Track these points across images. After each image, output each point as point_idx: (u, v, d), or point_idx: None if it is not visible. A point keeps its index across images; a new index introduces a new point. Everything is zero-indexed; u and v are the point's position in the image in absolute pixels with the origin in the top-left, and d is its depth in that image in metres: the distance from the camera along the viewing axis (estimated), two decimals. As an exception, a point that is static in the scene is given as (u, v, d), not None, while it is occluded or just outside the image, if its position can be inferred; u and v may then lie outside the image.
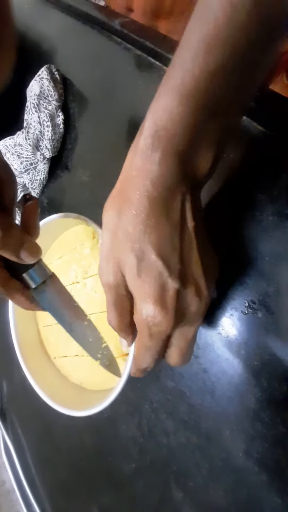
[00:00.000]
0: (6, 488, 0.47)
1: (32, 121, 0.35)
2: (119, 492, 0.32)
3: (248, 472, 0.24)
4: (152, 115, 0.17)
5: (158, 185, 0.17)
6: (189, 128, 0.16)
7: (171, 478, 0.28)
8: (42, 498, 0.41)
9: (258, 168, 0.23)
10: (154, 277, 0.17)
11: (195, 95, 0.15)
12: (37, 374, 0.32)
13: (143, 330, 0.19)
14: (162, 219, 0.17)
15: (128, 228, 0.17)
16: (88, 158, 0.36)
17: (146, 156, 0.17)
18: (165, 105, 0.16)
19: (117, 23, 0.34)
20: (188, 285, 0.18)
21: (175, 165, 0.17)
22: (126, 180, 0.18)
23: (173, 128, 0.16)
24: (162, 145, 0.16)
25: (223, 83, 0.15)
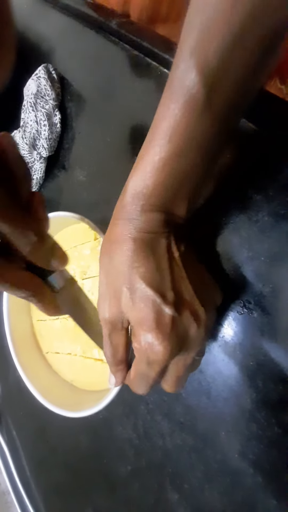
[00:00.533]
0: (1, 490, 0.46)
1: (29, 120, 0.35)
2: (114, 493, 0.32)
3: (243, 473, 0.23)
4: (132, 179, 0.19)
5: (140, 230, 0.19)
6: (161, 191, 0.19)
7: (166, 479, 0.28)
8: (37, 500, 0.40)
9: (254, 168, 0.23)
10: (148, 305, 0.18)
11: (164, 169, 0.18)
12: (28, 369, 0.33)
13: (141, 358, 0.19)
14: (148, 254, 0.19)
15: (119, 266, 0.19)
16: (85, 158, 0.36)
17: (129, 209, 0.19)
18: (141, 173, 0.19)
19: (114, 23, 0.34)
20: (183, 311, 0.19)
21: (154, 215, 0.19)
22: (114, 226, 0.20)
23: (147, 191, 0.19)
24: (141, 202, 0.19)
25: (185, 162, 0.18)
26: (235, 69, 0.16)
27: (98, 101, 0.34)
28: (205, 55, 0.16)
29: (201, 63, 0.16)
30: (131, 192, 0.19)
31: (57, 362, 0.35)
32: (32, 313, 0.37)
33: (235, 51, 0.16)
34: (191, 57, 0.16)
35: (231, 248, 0.24)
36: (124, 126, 0.32)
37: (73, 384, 0.33)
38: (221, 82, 0.16)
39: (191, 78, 0.16)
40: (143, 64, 0.30)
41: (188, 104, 0.17)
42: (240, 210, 0.23)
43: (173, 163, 0.18)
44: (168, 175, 0.18)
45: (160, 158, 0.18)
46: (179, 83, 0.17)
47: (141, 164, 0.19)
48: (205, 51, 0.16)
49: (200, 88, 0.16)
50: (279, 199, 0.22)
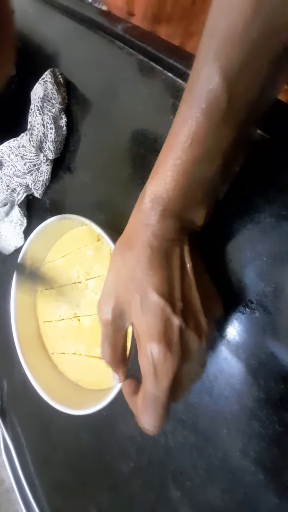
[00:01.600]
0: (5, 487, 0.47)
1: (36, 123, 0.36)
2: (117, 491, 0.32)
3: (245, 471, 0.24)
4: (151, 183, 0.19)
5: (158, 237, 0.19)
6: (180, 196, 0.19)
7: (168, 477, 0.28)
8: (40, 497, 0.41)
9: (256, 171, 0.23)
10: (157, 314, 0.18)
11: (184, 174, 0.18)
12: (35, 368, 0.33)
13: (149, 373, 0.18)
14: (163, 263, 0.19)
15: (133, 271, 0.19)
16: (90, 160, 0.36)
17: (148, 214, 0.19)
18: (161, 178, 0.19)
19: (119, 28, 0.34)
20: (189, 321, 0.19)
21: (172, 222, 0.19)
22: (132, 231, 0.20)
23: (167, 196, 0.19)
24: (160, 207, 0.19)
25: (206, 168, 0.18)
26: (257, 74, 0.16)
27: (103, 104, 0.35)
28: (229, 59, 0.16)
29: (225, 67, 0.16)
30: (150, 196, 0.19)
31: (62, 363, 0.35)
32: (38, 315, 0.38)
33: (258, 57, 0.16)
34: (214, 61, 0.16)
35: (233, 249, 0.24)
36: (128, 129, 0.32)
37: (78, 384, 0.34)
38: (244, 87, 0.16)
39: (216, 82, 0.16)
40: (147, 68, 0.31)
41: (211, 108, 0.17)
42: (242, 211, 0.24)
43: (194, 168, 0.18)
44: (189, 180, 0.18)
45: (181, 162, 0.18)
46: (202, 87, 0.17)
47: (161, 168, 0.19)
48: (229, 56, 0.16)
49: (223, 93, 0.16)
50: (280, 201, 0.22)
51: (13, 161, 0.38)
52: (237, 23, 0.16)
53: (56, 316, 0.36)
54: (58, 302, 0.35)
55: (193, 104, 0.17)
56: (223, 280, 0.24)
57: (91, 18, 0.38)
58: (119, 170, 0.33)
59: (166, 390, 0.18)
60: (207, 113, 0.17)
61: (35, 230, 0.34)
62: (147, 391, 0.19)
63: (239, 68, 0.16)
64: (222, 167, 0.18)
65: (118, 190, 0.33)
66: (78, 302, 0.34)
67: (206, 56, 0.17)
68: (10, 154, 0.38)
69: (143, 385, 0.19)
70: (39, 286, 0.34)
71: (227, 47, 0.16)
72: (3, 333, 0.43)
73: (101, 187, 0.35)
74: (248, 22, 0.15)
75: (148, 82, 0.31)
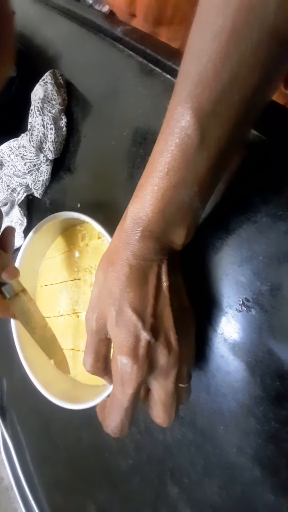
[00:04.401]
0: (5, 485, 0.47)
1: (36, 124, 0.37)
2: (115, 488, 0.33)
3: (241, 468, 0.24)
4: (133, 205, 0.21)
5: (137, 257, 0.20)
6: (159, 219, 0.20)
7: (166, 474, 0.28)
8: (39, 495, 0.41)
9: (253, 171, 0.24)
10: (129, 329, 0.20)
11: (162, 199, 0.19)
12: (33, 364, 0.34)
13: (116, 380, 0.20)
14: (139, 282, 0.20)
15: (111, 287, 0.21)
16: (90, 161, 0.37)
17: (129, 234, 0.21)
18: (141, 201, 0.20)
19: (119, 30, 0.35)
20: (159, 337, 0.20)
21: (151, 243, 0.20)
22: (114, 249, 0.21)
23: (147, 218, 0.20)
24: (140, 228, 0.20)
25: (183, 193, 0.19)
26: (228, 114, 0.17)
27: (103, 105, 0.36)
28: (200, 101, 0.17)
29: (196, 107, 0.17)
30: (131, 217, 0.20)
31: None
32: None
33: (227, 99, 0.17)
34: (186, 101, 0.17)
35: (230, 248, 0.24)
36: (128, 130, 0.32)
37: (76, 379, 0.34)
38: (215, 125, 0.18)
39: (187, 120, 0.18)
40: (146, 70, 0.32)
41: (183, 143, 0.18)
42: (239, 211, 0.24)
43: (171, 194, 0.19)
44: (167, 204, 0.19)
45: (158, 189, 0.19)
46: (175, 123, 0.18)
47: (141, 192, 0.20)
48: (199, 97, 0.17)
49: (194, 130, 0.17)
50: (277, 201, 0.22)
51: (13, 161, 0.38)
52: (207, 68, 0.17)
53: (55, 312, 0.36)
54: (58, 298, 0.36)
55: (168, 138, 0.18)
56: (220, 279, 0.25)
57: (92, 20, 0.38)
58: (119, 170, 0.33)
59: (130, 396, 0.20)
60: (180, 147, 0.18)
61: (36, 226, 0.34)
62: (114, 395, 0.21)
63: (211, 108, 0.17)
64: (199, 192, 0.19)
65: (118, 190, 0.33)
66: (77, 298, 0.34)
67: (179, 96, 0.18)
68: (10, 154, 0.38)
69: (112, 390, 0.21)
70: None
71: (198, 89, 0.17)
72: (3, 332, 0.43)
73: (100, 188, 0.35)
74: (218, 67, 0.17)
75: (147, 84, 0.31)
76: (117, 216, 0.23)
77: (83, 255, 0.34)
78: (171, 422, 0.22)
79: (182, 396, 0.23)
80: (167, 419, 0.22)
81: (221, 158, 0.19)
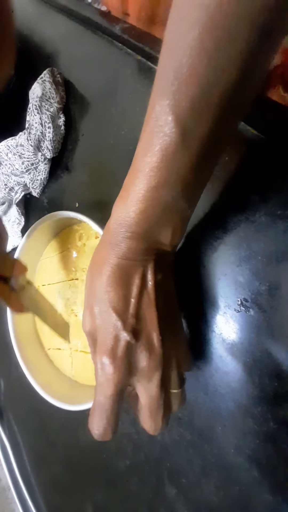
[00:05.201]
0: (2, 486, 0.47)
1: (34, 122, 0.36)
2: (113, 488, 0.33)
3: (239, 468, 0.24)
4: (117, 205, 0.20)
5: (120, 256, 0.20)
6: (142, 219, 0.19)
7: (164, 474, 0.28)
8: (37, 496, 0.41)
9: (252, 170, 0.24)
10: (108, 329, 0.20)
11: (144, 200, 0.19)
12: (31, 364, 0.34)
13: (97, 379, 0.20)
14: (121, 281, 0.20)
15: (95, 287, 0.21)
16: (88, 159, 0.36)
17: (113, 235, 0.20)
18: (124, 201, 0.20)
19: (117, 28, 0.35)
20: (140, 338, 0.20)
21: (135, 243, 0.20)
22: (99, 249, 0.22)
23: (130, 218, 0.20)
24: (123, 229, 0.20)
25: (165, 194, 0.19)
26: (208, 111, 0.17)
27: (101, 104, 0.35)
28: (177, 98, 0.17)
29: (174, 105, 0.17)
30: (114, 218, 0.20)
31: (58, 358, 0.36)
32: None
33: (206, 95, 0.16)
34: (163, 99, 0.17)
35: (229, 248, 0.24)
36: (126, 128, 0.32)
37: (74, 379, 0.34)
38: (195, 122, 0.17)
39: (165, 118, 0.17)
40: (145, 68, 0.31)
41: (163, 142, 0.17)
42: (238, 210, 0.24)
43: (153, 195, 0.19)
44: (149, 206, 0.19)
45: (139, 189, 0.19)
46: (154, 122, 0.18)
47: (124, 193, 0.20)
48: (176, 94, 0.16)
49: (173, 128, 0.17)
50: (276, 200, 0.22)
51: (11, 160, 0.38)
52: (183, 63, 0.16)
53: None
54: (55, 298, 0.36)
55: (148, 137, 0.18)
56: (218, 279, 0.25)
57: (90, 18, 0.38)
58: (117, 169, 0.33)
59: (109, 397, 0.19)
60: (160, 146, 0.18)
61: (33, 225, 0.34)
62: (95, 396, 0.20)
63: (189, 105, 0.16)
64: (183, 192, 0.19)
65: (116, 189, 0.33)
66: (75, 298, 0.34)
67: (157, 93, 0.17)
68: (8, 153, 0.38)
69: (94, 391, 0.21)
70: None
71: (174, 85, 0.16)
72: (0, 330, 0.43)
73: (98, 186, 0.35)
74: (194, 61, 0.16)
75: (145, 82, 0.31)
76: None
77: (81, 255, 0.34)
78: (158, 430, 0.21)
79: (174, 402, 0.22)
80: (153, 425, 0.21)
81: (204, 157, 0.18)
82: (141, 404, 0.21)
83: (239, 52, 0.15)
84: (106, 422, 0.20)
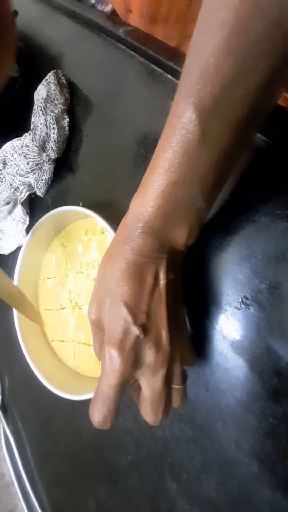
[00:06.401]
0: (6, 481, 0.48)
1: (39, 123, 0.37)
2: (115, 484, 0.33)
3: (239, 464, 0.24)
4: (135, 201, 0.21)
5: (135, 252, 0.21)
6: (159, 216, 0.20)
7: (165, 469, 0.29)
8: (40, 491, 0.41)
9: (252, 171, 0.24)
10: (119, 322, 0.20)
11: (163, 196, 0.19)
12: (35, 355, 0.34)
13: (102, 369, 0.21)
14: (134, 277, 0.20)
15: (107, 281, 0.21)
16: (92, 160, 0.37)
17: (129, 230, 0.21)
18: (143, 197, 0.20)
19: (121, 31, 0.35)
20: (149, 334, 0.20)
21: (151, 239, 0.20)
22: (114, 243, 0.22)
23: (148, 214, 0.20)
24: (140, 224, 0.20)
25: (183, 190, 0.19)
26: (230, 110, 0.17)
27: (105, 105, 0.36)
28: (201, 97, 0.17)
29: (198, 103, 0.17)
30: (132, 213, 0.21)
31: (61, 350, 0.36)
32: (40, 304, 0.39)
33: (230, 95, 0.17)
34: (188, 97, 0.17)
35: (230, 247, 0.25)
36: (129, 130, 0.33)
37: (77, 371, 0.35)
38: (217, 121, 0.17)
39: (188, 115, 0.18)
40: (148, 70, 0.32)
41: (185, 139, 0.18)
42: (238, 210, 0.24)
43: (171, 191, 0.19)
44: (168, 201, 0.19)
45: (159, 185, 0.19)
46: (177, 119, 0.18)
47: (143, 188, 0.20)
48: (201, 93, 0.17)
49: (196, 125, 0.17)
50: (275, 200, 0.23)
51: (17, 161, 0.39)
52: (209, 63, 0.16)
53: (57, 304, 0.36)
54: (60, 291, 0.36)
55: (170, 134, 0.18)
56: (219, 277, 0.25)
57: (94, 20, 0.39)
58: (120, 170, 0.33)
59: (113, 387, 0.20)
60: (182, 143, 0.18)
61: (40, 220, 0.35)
62: (99, 385, 0.21)
63: (212, 104, 0.17)
64: (201, 191, 0.19)
65: (119, 189, 0.34)
66: (79, 292, 0.35)
67: (182, 91, 0.18)
68: (13, 153, 0.39)
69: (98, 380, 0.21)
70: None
71: (199, 84, 0.17)
72: (4, 328, 0.43)
73: (102, 187, 0.36)
74: (220, 62, 0.16)
75: (149, 84, 0.32)
76: (118, 215, 0.23)
77: (86, 249, 0.35)
78: (158, 422, 0.22)
79: (175, 398, 0.23)
80: (153, 417, 0.22)
81: (223, 157, 0.18)
82: (143, 396, 0.22)
83: (264, 54, 0.16)
84: (107, 410, 0.21)
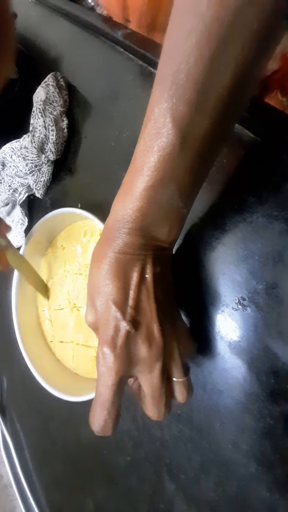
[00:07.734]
0: (4, 483, 0.47)
1: (38, 125, 0.37)
2: (113, 484, 0.33)
3: (237, 464, 0.24)
4: (115, 203, 0.21)
5: (117, 251, 0.21)
6: (139, 217, 0.20)
7: (163, 470, 0.29)
8: (38, 493, 0.41)
9: (249, 173, 0.24)
10: (109, 320, 0.20)
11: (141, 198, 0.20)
12: (33, 355, 0.34)
13: (98, 370, 0.21)
14: (118, 274, 0.21)
15: (95, 281, 0.21)
16: (90, 162, 0.37)
17: (111, 231, 0.21)
18: (122, 198, 0.21)
19: (120, 34, 0.35)
20: (140, 328, 0.20)
21: (132, 239, 0.21)
22: (99, 245, 0.22)
23: (127, 215, 0.20)
24: (121, 225, 0.21)
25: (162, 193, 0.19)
26: (205, 114, 0.17)
27: (103, 107, 0.36)
28: (175, 102, 0.17)
29: (171, 108, 0.17)
30: (113, 216, 0.21)
31: (60, 351, 0.36)
32: (38, 304, 0.39)
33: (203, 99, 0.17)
34: (162, 102, 0.18)
35: (227, 248, 0.25)
36: (127, 132, 0.33)
37: (75, 372, 0.35)
38: (192, 125, 0.18)
39: (163, 121, 0.18)
40: (146, 73, 0.32)
41: (161, 144, 0.18)
42: (235, 211, 0.24)
43: (150, 193, 0.19)
44: (146, 204, 0.20)
45: (137, 188, 0.19)
46: (153, 124, 0.18)
47: (122, 191, 0.21)
48: (174, 98, 0.17)
49: (171, 130, 0.18)
50: (272, 201, 0.23)
51: (15, 162, 0.39)
52: (180, 68, 0.17)
53: (56, 305, 0.37)
54: (59, 292, 0.36)
55: (147, 138, 0.19)
56: (217, 278, 0.25)
57: (92, 23, 0.39)
58: (118, 171, 0.34)
59: (110, 387, 0.20)
60: (158, 147, 0.18)
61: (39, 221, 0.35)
62: (97, 387, 0.21)
63: (186, 109, 0.17)
64: (179, 191, 0.19)
65: (117, 190, 0.34)
66: (77, 293, 0.35)
67: (156, 97, 0.18)
68: (12, 155, 0.39)
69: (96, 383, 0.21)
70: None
71: (172, 90, 0.17)
72: (3, 330, 0.43)
73: (100, 188, 0.36)
74: (190, 67, 0.16)
75: (147, 87, 0.32)
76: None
77: (85, 251, 0.35)
78: (161, 416, 0.22)
79: (180, 391, 0.22)
80: (156, 412, 0.22)
81: (200, 158, 0.19)
82: (144, 393, 0.22)
83: (234, 58, 0.16)
84: (106, 414, 0.20)
